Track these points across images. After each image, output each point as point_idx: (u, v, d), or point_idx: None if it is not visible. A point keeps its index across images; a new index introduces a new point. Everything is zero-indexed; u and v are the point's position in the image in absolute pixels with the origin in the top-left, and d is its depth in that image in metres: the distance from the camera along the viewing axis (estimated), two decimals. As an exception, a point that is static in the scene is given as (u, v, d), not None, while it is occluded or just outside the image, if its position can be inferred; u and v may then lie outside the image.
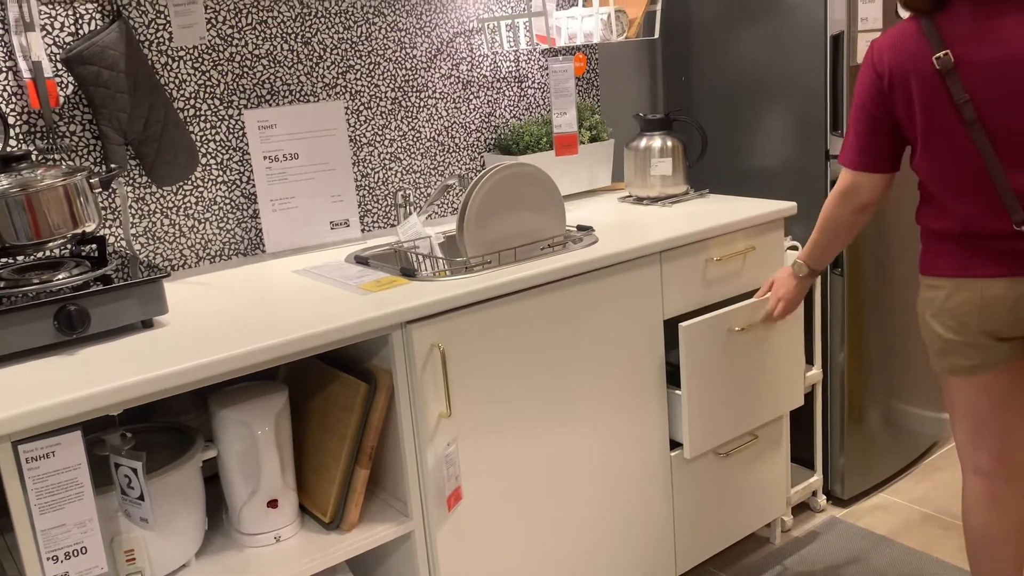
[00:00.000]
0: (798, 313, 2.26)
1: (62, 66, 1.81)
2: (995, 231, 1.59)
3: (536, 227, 1.97)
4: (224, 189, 2.07)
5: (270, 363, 1.45)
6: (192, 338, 1.48)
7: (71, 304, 1.44)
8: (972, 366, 1.67)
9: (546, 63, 2.57)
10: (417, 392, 1.63)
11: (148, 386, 1.32)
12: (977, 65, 1.52)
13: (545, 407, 1.83)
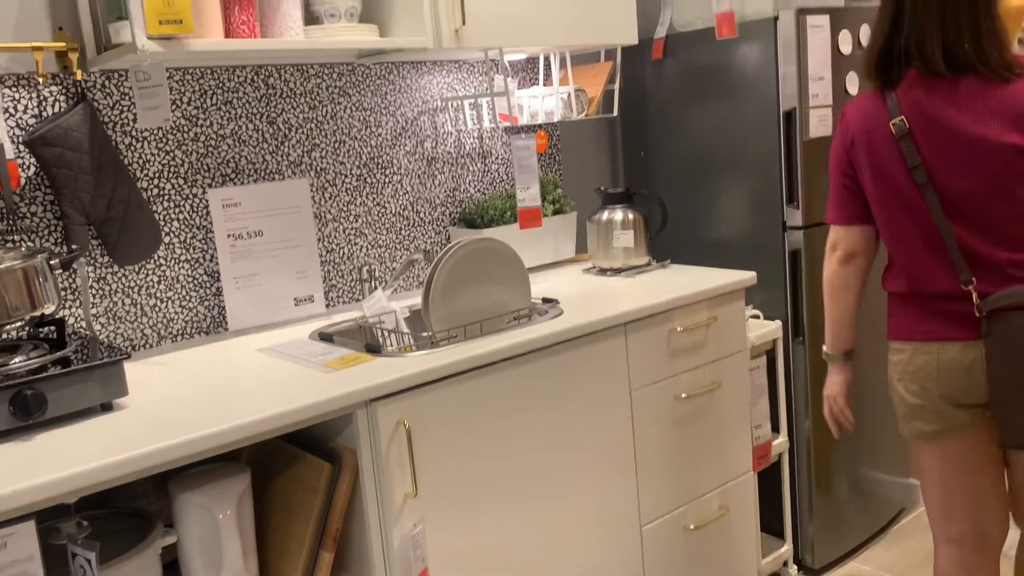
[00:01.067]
0: (742, 379, 2.29)
1: (25, 148, 1.81)
2: (946, 291, 1.64)
3: (501, 300, 1.98)
4: (187, 267, 2.06)
5: (232, 445, 1.43)
6: (153, 421, 1.45)
7: (27, 389, 1.42)
8: (934, 432, 1.69)
9: (509, 140, 2.62)
10: (382, 471, 1.60)
11: (106, 472, 1.28)
12: (929, 131, 1.60)
13: (513, 483, 1.81)
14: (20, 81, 1.81)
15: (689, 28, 2.63)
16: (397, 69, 2.37)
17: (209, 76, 2.05)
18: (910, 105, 1.61)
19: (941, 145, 1.59)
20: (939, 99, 1.59)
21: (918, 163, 1.60)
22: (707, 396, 2.20)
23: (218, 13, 1.82)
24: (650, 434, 2.08)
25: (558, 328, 1.87)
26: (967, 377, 1.63)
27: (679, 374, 2.13)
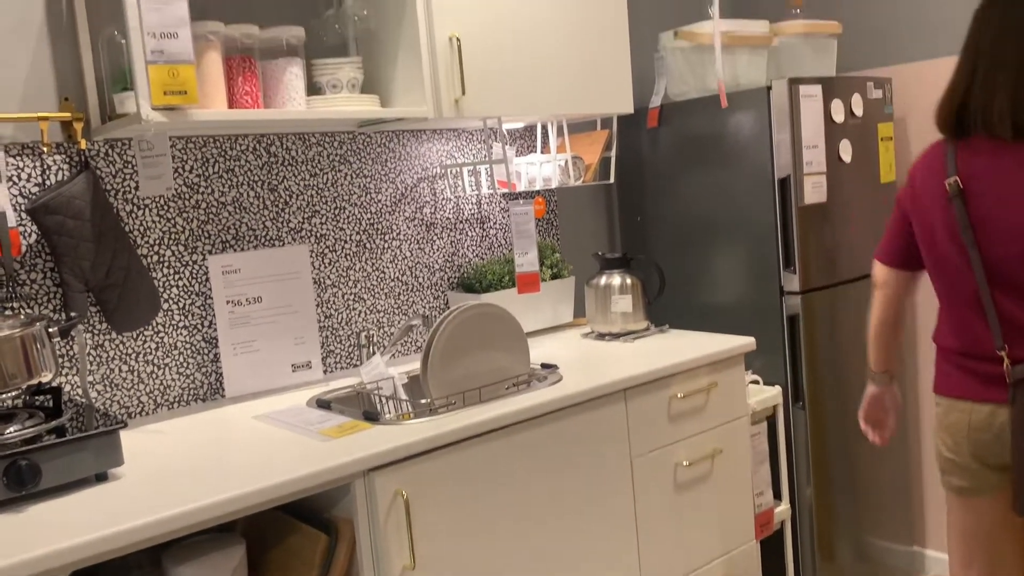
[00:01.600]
0: (743, 446, 2.27)
1: (27, 216, 1.83)
2: (982, 352, 1.67)
3: (500, 366, 1.98)
4: (185, 334, 2.05)
5: (228, 517, 1.40)
6: (147, 492, 1.43)
7: (22, 459, 1.40)
8: (964, 488, 1.73)
9: (507, 205, 2.65)
10: (380, 543, 1.57)
11: (99, 546, 1.26)
12: (981, 195, 1.64)
13: (514, 554, 1.78)
14: (25, 150, 1.83)
15: (683, 97, 2.69)
16: (397, 137, 2.40)
17: (212, 144, 2.08)
18: (968, 166, 1.65)
19: (992, 210, 1.63)
20: (997, 164, 1.63)
21: (967, 224, 1.64)
22: (708, 463, 2.17)
23: (222, 84, 1.86)
24: (651, 502, 2.05)
25: (558, 394, 1.86)
26: (996, 439, 1.65)
27: (680, 441, 2.12)
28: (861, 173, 2.62)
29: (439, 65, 2.04)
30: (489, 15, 2.11)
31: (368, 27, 2.14)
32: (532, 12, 2.20)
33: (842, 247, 2.56)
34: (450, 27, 2.04)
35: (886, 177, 2.72)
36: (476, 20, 2.09)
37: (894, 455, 2.79)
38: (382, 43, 2.14)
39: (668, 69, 2.69)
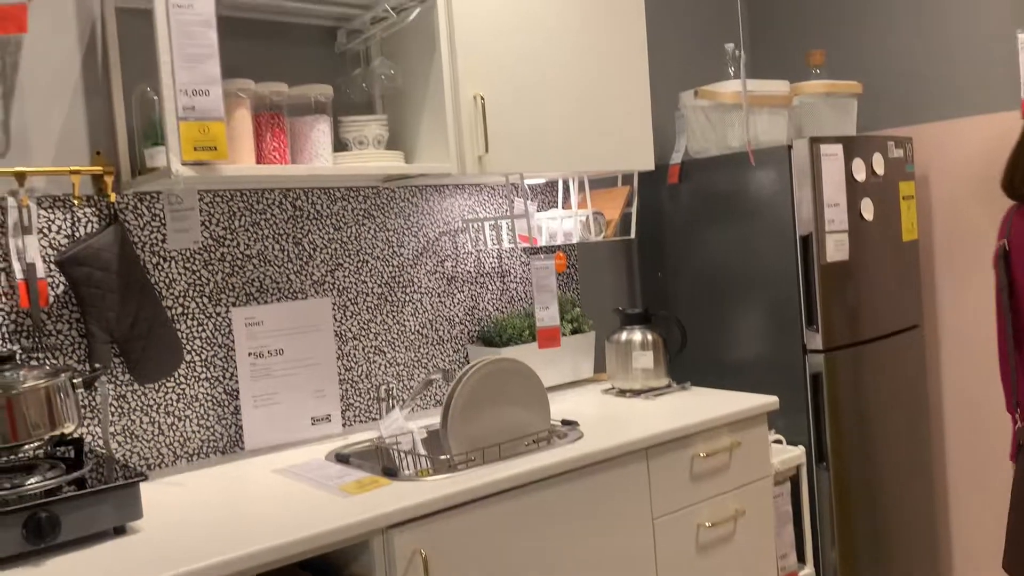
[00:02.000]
0: (766, 507, 2.22)
1: (56, 267, 1.85)
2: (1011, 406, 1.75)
3: (521, 422, 1.96)
4: (206, 386, 2.06)
5: (247, 573, 1.39)
6: (166, 546, 1.42)
7: (42, 511, 1.39)
8: None
9: (528, 260, 2.66)
10: (398, 602, 1.55)
11: (115, 603, 1.25)
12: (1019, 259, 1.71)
13: (532, 615, 1.74)
14: (56, 202, 1.87)
15: (704, 155, 2.71)
16: (420, 192, 2.43)
17: (239, 198, 2.11)
18: (1018, 231, 1.72)
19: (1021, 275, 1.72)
20: None
21: (1005, 284, 1.72)
22: (731, 524, 2.13)
23: (251, 140, 1.89)
24: (673, 563, 2.01)
25: (579, 452, 1.84)
26: None
27: (702, 501, 2.08)
28: (883, 231, 2.61)
29: (463, 123, 2.07)
30: (513, 74, 2.15)
31: (395, 86, 2.18)
32: (555, 71, 2.23)
33: (865, 305, 2.55)
34: (475, 86, 2.08)
35: (908, 235, 2.71)
36: (500, 79, 2.12)
37: (921, 517, 2.73)
38: (408, 101, 2.18)
39: (688, 127, 2.72)
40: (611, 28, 2.36)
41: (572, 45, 2.27)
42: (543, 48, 2.21)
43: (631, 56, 2.40)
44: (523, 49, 2.17)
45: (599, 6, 2.33)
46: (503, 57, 2.13)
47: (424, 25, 2.08)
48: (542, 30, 2.21)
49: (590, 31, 2.31)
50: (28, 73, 1.84)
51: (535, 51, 2.19)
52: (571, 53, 2.27)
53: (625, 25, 2.39)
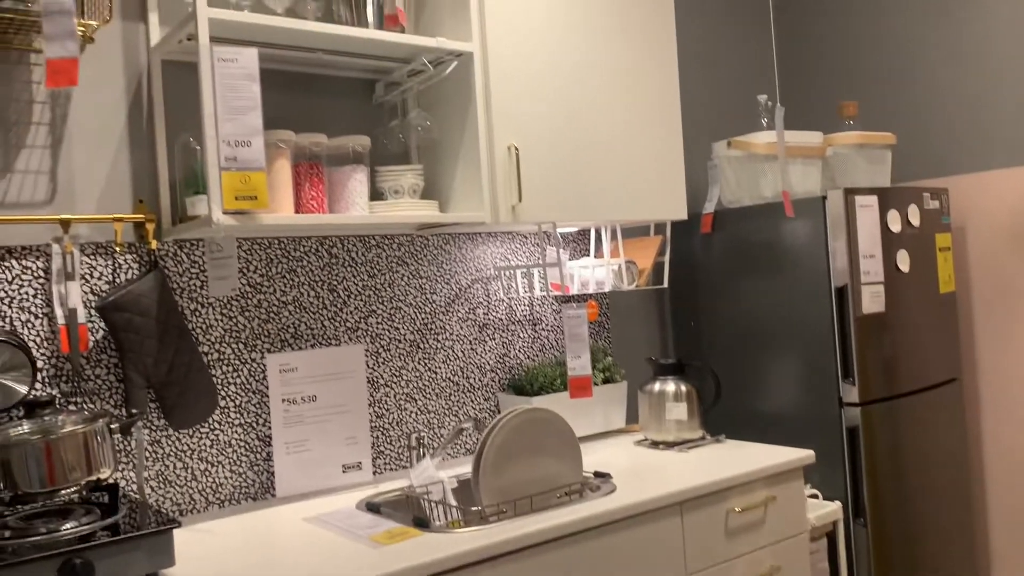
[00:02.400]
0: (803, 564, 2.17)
1: (96, 313, 1.88)
2: None
3: (553, 474, 1.94)
4: (240, 432, 2.07)
5: (276, 625, 1.38)
6: (196, 596, 1.42)
7: (76, 557, 1.40)
8: None
9: (560, 307, 2.66)
10: (428, 657, 1.53)
11: (147, 653, 1.24)
12: None
13: (563, 674, 1.71)
14: (99, 249, 1.90)
15: (737, 204, 2.70)
16: (454, 239, 2.45)
17: (276, 246, 2.14)
18: None
19: None
20: None
21: None
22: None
23: (290, 189, 1.92)
24: (707, 622, 1.96)
25: (612, 506, 1.81)
26: None
27: (737, 557, 2.04)
28: (920, 283, 2.58)
29: (497, 173, 2.09)
30: (547, 125, 2.17)
31: (431, 136, 2.21)
32: (589, 122, 2.26)
33: (902, 358, 2.51)
34: (509, 137, 2.10)
35: (945, 287, 2.68)
36: (534, 130, 2.15)
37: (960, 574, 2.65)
38: (443, 151, 2.21)
39: (721, 177, 2.72)
40: (644, 79, 2.38)
41: (606, 95, 2.29)
42: (577, 99, 2.24)
43: (664, 106, 2.42)
44: (557, 100, 2.20)
45: (633, 57, 2.36)
46: (537, 108, 2.16)
47: (460, 78, 2.12)
48: (576, 82, 2.23)
49: (624, 82, 2.33)
50: (76, 123, 1.89)
51: (569, 102, 2.22)
52: (605, 103, 2.29)
53: (658, 76, 2.41)
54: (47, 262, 1.84)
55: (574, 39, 2.24)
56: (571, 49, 2.23)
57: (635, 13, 2.37)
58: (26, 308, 1.81)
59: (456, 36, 2.11)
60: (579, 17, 2.25)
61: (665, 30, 2.44)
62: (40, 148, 1.85)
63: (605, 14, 2.31)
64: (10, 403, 1.71)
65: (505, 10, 2.11)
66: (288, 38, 1.94)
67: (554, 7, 2.20)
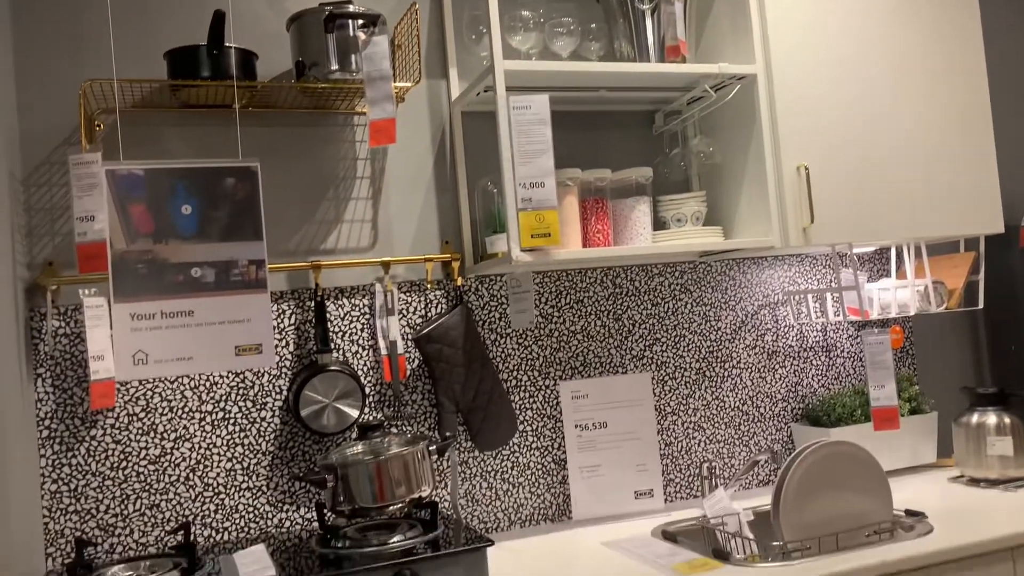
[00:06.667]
0: None
1: (412, 344, 2.08)
2: None
3: (859, 511, 1.83)
4: (537, 455, 2.17)
5: (585, 647, 1.43)
6: (510, 612, 1.51)
7: (406, 568, 1.55)
8: None
9: (857, 333, 2.50)
10: None
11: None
12: None
13: None
14: (413, 287, 2.11)
15: (1067, 212, 2.39)
16: (738, 265, 2.40)
17: (564, 278, 2.24)
18: None
19: None
20: None
21: None
22: None
23: (578, 224, 2.01)
24: None
25: (930, 548, 1.67)
26: None
27: (1087, 616, 1.78)
28: None
29: (786, 195, 2.02)
30: (837, 141, 2.07)
31: (712, 162, 2.20)
32: (887, 134, 2.12)
33: None
34: (797, 156, 2.04)
35: None
36: (824, 148, 2.06)
37: None
38: (726, 176, 2.18)
39: (1045, 182, 2.42)
40: (950, 85, 2.19)
41: (901, 102, 2.14)
42: (873, 112, 2.11)
43: (974, 112, 2.21)
44: (847, 113, 2.09)
45: (937, 65, 2.18)
46: (827, 125, 2.07)
47: (743, 101, 2.09)
48: (867, 91, 2.11)
49: (925, 89, 2.17)
50: (391, 175, 2.12)
51: (864, 116, 2.10)
52: (905, 114, 2.14)
53: (965, 81, 2.21)
54: (371, 300, 2.07)
55: (862, 46, 2.12)
56: (860, 58, 2.11)
57: (929, 10, 2.20)
58: (355, 341, 2.05)
59: (738, 60, 2.09)
60: (866, 20, 2.13)
61: (968, 18, 2.23)
62: (363, 200, 2.10)
63: (893, 12, 2.16)
64: (344, 426, 1.94)
65: (789, 29, 2.05)
66: (574, 80, 2.04)
67: (840, 16, 2.10)
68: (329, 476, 1.72)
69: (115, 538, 1.83)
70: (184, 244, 1.42)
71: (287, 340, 1.99)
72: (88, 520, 1.82)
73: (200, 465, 1.90)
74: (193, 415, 1.90)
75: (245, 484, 1.93)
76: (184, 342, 1.40)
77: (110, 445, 1.84)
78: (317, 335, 1.96)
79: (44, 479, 1.79)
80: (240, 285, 1.44)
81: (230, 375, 1.94)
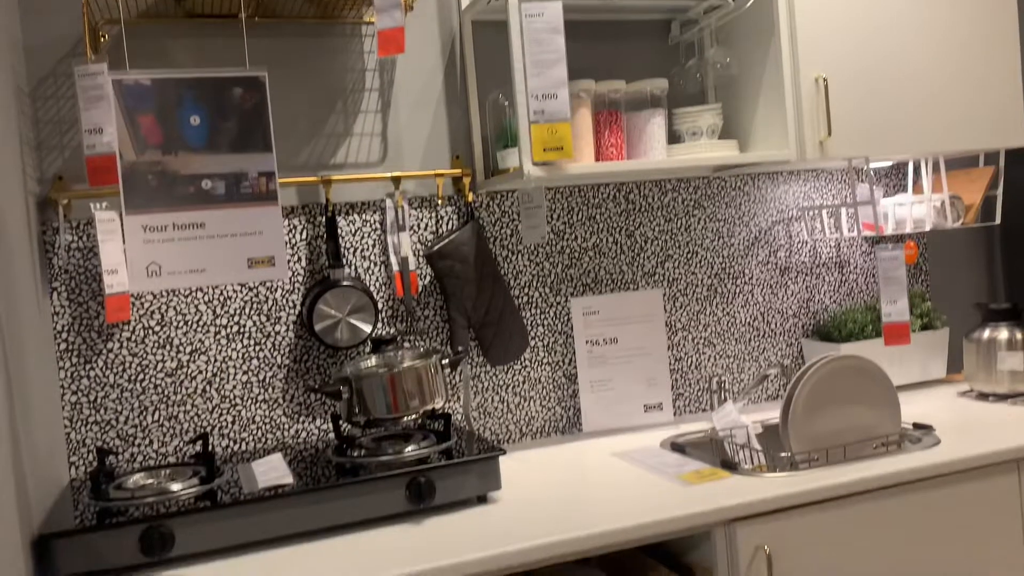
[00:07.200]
0: None
1: (424, 260, 2.08)
2: None
3: (868, 424, 1.85)
4: (548, 370, 2.20)
5: (596, 551, 1.47)
6: (523, 518, 1.54)
7: (421, 476, 1.58)
8: None
9: (871, 249, 2.48)
10: (740, 597, 1.54)
11: (489, 564, 1.38)
12: None
13: (882, 629, 1.64)
14: (423, 203, 2.09)
15: (1091, 125, 2.33)
16: (752, 180, 2.37)
17: (577, 194, 2.22)
18: None
19: None
20: None
21: None
22: None
23: (591, 138, 1.98)
24: (1051, 593, 1.78)
25: (936, 460, 1.69)
26: None
27: (1089, 525, 1.82)
28: None
29: (803, 107, 1.98)
30: (859, 52, 2.02)
31: (729, 74, 2.15)
32: (907, 45, 2.06)
33: None
34: (816, 68, 1.99)
35: None
36: (844, 59, 2.01)
37: None
38: (742, 89, 2.14)
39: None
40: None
41: (927, 13, 2.08)
42: (894, 21, 2.05)
43: (1000, 24, 2.14)
44: (871, 25, 2.03)
45: (960, -32, 2.10)
46: (848, 36, 2.01)
47: (761, 10, 2.02)
48: (894, 2, 2.04)
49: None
50: (401, 87, 2.08)
51: (885, 26, 2.04)
52: (926, 22, 2.08)
53: (992, -14, 2.13)
54: (382, 216, 2.06)
55: (890, -46, 2.04)
56: (886, -35, 2.04)
57: (963, -85, 2.11)
58: (367, 257, 2.05)
59: (757, -34, 2.02)
60: (896, -72, 2.05)
61: (1001, -70, 2.14)
62: (372, 113, 2.06)
63: (927, -79, 2.08)
64: (357, 341, 1.95)
65: (811, -69, 1.98)
66: (588, -12, 1.98)
67: (867, -79, 2.02)
68: (344, 388, 1.74)
69: (135, 448, 1.87)
70: (194, 156, 1.40)
71: (299, 255, 1.99)
72: (108, 431, 1.86)
73: (216, 378, 1.93)
74: (208, 329, 1.92)
75: (261, 396, 1.96)
76: (197, 254, 1.40)
77: (127, 358, 1.87)
78: (329, 251, 1.96)
79: (64, 391, 1.83)
80: (251, 197, 1.43)
81: (244, 290, 1.95)
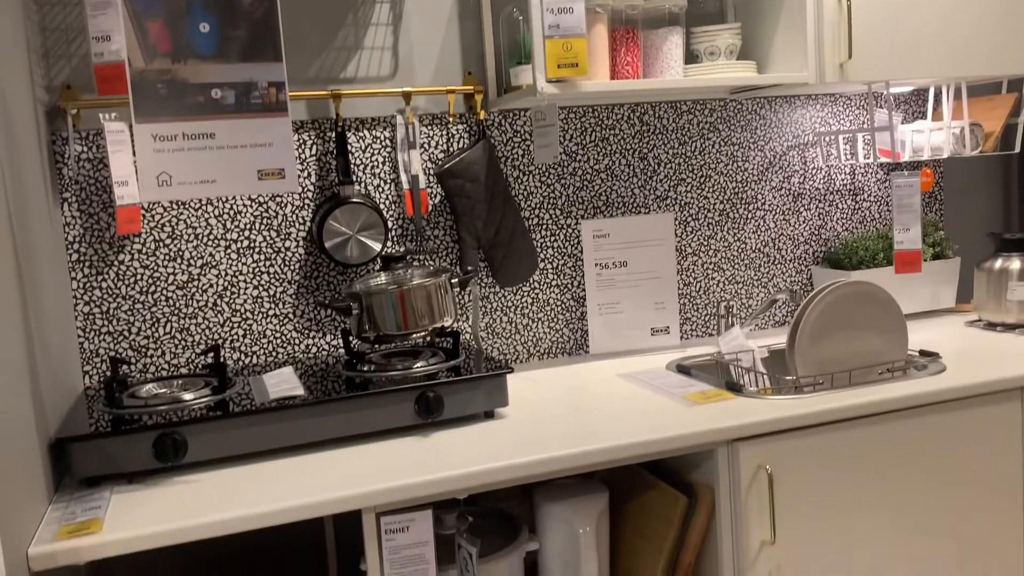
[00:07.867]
0: None
1: (434, 179, 2.07)
2: None
3: (874, 350, 1.86)
4: (557, 292, 2.20)
5: (600, 465, 1.50)
6: (528, 433, 1.57)
7: (430, 391, 1.61)
8: None
9: (886, 176, 2.45)
10: (740, 514, 1.58)
11: (496, 475, 1.42)
12: None
13: (878, 544, 1.68)
14: (434, 120, 2.07)
15: (1120, 52, 2.27)
16: (769, 103, 2.33)
17: (590, 114, 2.19)
18: None
19: None
20: None
21: None
22: (1124, 483, 1.86)
23: (606, 55, 1.94)
24: (1045, 518, 1.81)
25: (939, 386, 1.71)
26: None
27: (1088, 453, 1.84)
28: None
29: (824, 28, 1.93)
30: (885, -30, 1.96)
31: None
32: (936, -36, 1.99)
33: None
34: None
35: None
36: (870, -23, 1.95)
37: None
38: (762, 7, 2.08)
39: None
40: (1009, -93, 2.04)
41: (959, -68, 2.01)
42: (923, -62, 1.98)
43: (1033, -61, 2.07)
44: (899, -59, 1.96)
45: None
46: (875, -48, 1.94)
47: (787, -76, 1.96)
48: (923, -83, 1.97)
49: (982, -87, 2.02)
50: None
51: (913, -58, 1.97)
52: (957, -59, 2.01)
53: (1028, -98, 2.05)
54: (392, 132, 2.03)
55: None
56: None
57: None
58: (377, 174, 2.03)
59: None
60: None
61: None
62: (383, 25, 2.02)
63: None
64: (367, 258, 1.96)
65: None
66: (607, -103, 1.91)
67: None
68: (354, 304, 1.75)
69: (147, 359, 1.90)
70: (203, 64, 1.38)
71: (309, 171, 1.98)
72: (121, 341, 1.88)
73: (227, 292, 1.94)
74: (219, 243, 1.93)
75: (272, 311, 1.98)
76: (207, 165, 1.39)
77: (139, 270, 1.88)
78: (339, 167, 1.95)
79: (77, 301, 1.84)
80: (261, 108, 1.42)
81: (253, 204, 1.94)
